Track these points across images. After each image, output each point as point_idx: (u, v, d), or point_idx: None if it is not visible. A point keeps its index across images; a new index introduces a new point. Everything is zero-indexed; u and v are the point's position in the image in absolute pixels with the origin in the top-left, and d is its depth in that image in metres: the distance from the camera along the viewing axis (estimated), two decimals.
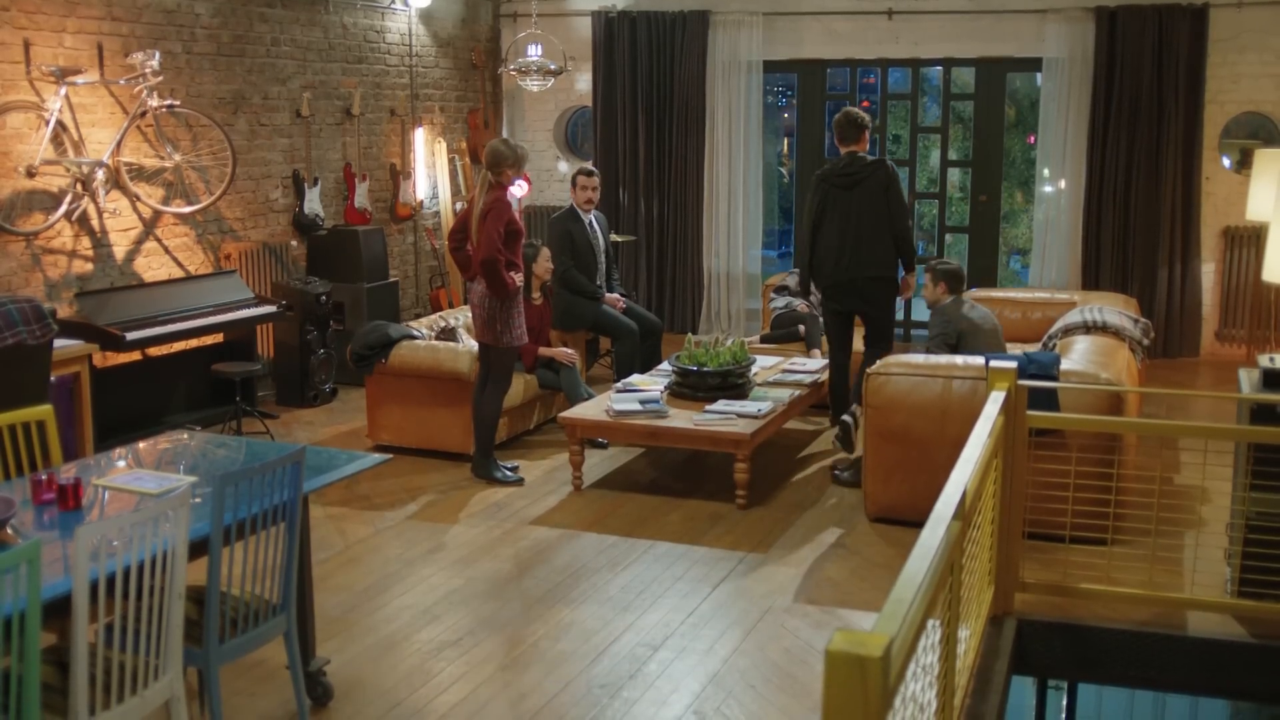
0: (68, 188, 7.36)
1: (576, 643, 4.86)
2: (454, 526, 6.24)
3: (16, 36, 7.03)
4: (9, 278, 7.07)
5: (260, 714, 4.31)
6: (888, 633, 2.16)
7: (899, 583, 2.54)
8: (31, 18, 7.11)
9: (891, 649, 2.09)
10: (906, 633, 2.35)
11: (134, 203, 7.90)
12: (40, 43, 7.17)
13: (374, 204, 10.16)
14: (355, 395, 8.50)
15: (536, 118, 12.01)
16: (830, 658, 2.04)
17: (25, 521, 3.71)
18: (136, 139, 7.86)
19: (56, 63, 7.22)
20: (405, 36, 10.60)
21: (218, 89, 8.55)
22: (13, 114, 7.02)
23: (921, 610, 2.57)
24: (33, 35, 7.12)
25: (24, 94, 7.09)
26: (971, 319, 6.87)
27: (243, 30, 8.74)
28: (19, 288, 7.11)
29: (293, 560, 3.95)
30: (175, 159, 8.04)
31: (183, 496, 3.42)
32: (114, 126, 7.66)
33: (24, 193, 7.12)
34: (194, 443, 4.88)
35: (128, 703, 3.34)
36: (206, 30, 8.42)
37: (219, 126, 8.24)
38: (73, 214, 7.41)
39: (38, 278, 7.26)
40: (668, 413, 6.67)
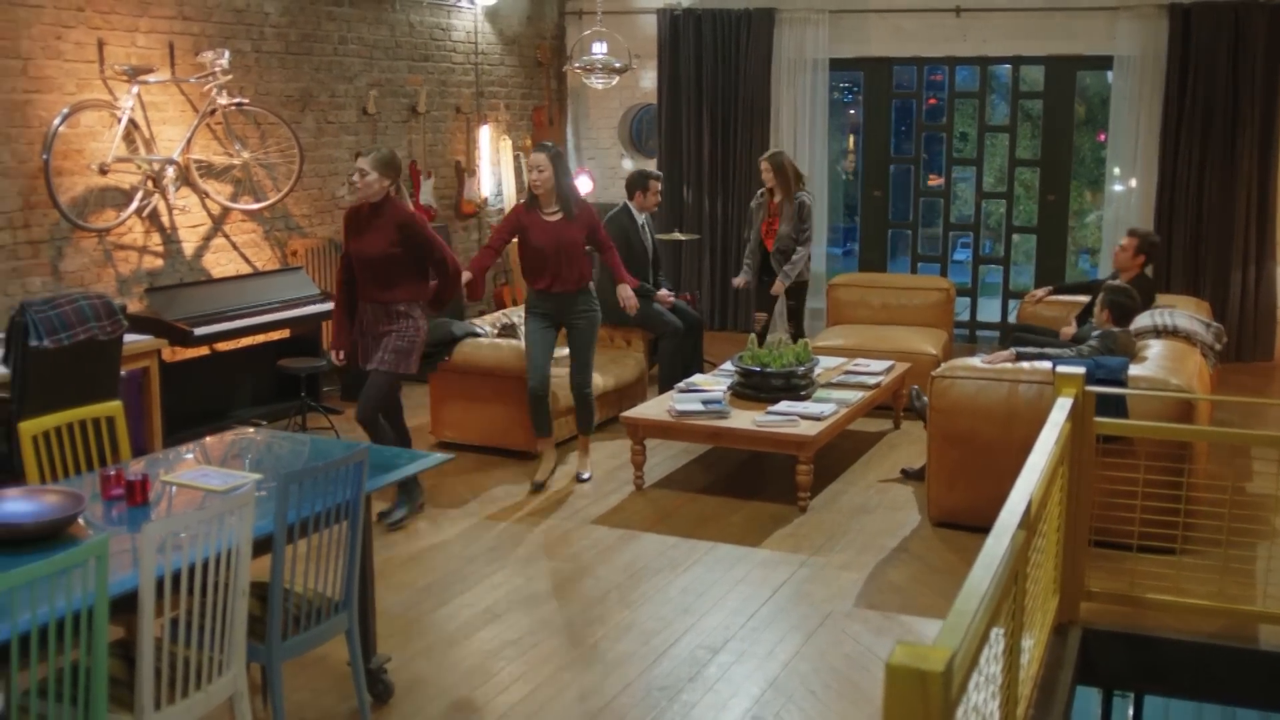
0: (139, 185, 7.47)
1: (636, 644, 4.85)
2: (516, 525, 6.26)
3: (91, 37, 7.14)
4: (81, 273, 7.19)
5: (321, 710, 4.35)
6: (950, 646, 2.14)
7: (962, 594, 2.51)
8: (105, 18, 7.22)
9: (953, 663, 2.07)
10: (969, 645, 2.32)
11: (203, 199, 8.00)
12: (114, 42, 7.28)
13: (439, 201, 10.22)
14: (419, 391, 8.54)
15: (601, 115, 12.02)
16: (891, 672, 2.02)
17: (95, 516, 3.76)
18: (206, 137, 7.96)
19: (129, 62, 7.33)
20: (471, 34, 10.64)
21: (286, 87, 8.63)
22: (87, 112, 7.13)
23: (985, 622, 2.53)
24: (106, 35, 7.23)
25: (98, 93, 7.21)
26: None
27: (311, 29, 8.82)
28: (91, 283, 7.23)
29: (355, 558, 3.98)
30: (244, 156, 8.13)
31: (247, 495, 3.45)
32: (184, 124, 7.76)
33: (97, 190, 7.24)
34: (260, 439, 4.93)
35: (192, 697, 3.38)
36: (275, 29, 8.50)
37: (287, 124, 8.32)
38: (143, 210, 7.52)
39: (109, 273, 7.37)
40: (730, 413, 6.65)
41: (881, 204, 11.31)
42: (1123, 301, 6.43)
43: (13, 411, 5.40)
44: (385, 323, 6.04)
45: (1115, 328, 6.35)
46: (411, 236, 5.93)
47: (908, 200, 11.46)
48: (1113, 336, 6.27)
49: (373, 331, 6.10)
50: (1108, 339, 6.25)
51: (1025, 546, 3.29)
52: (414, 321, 6.05)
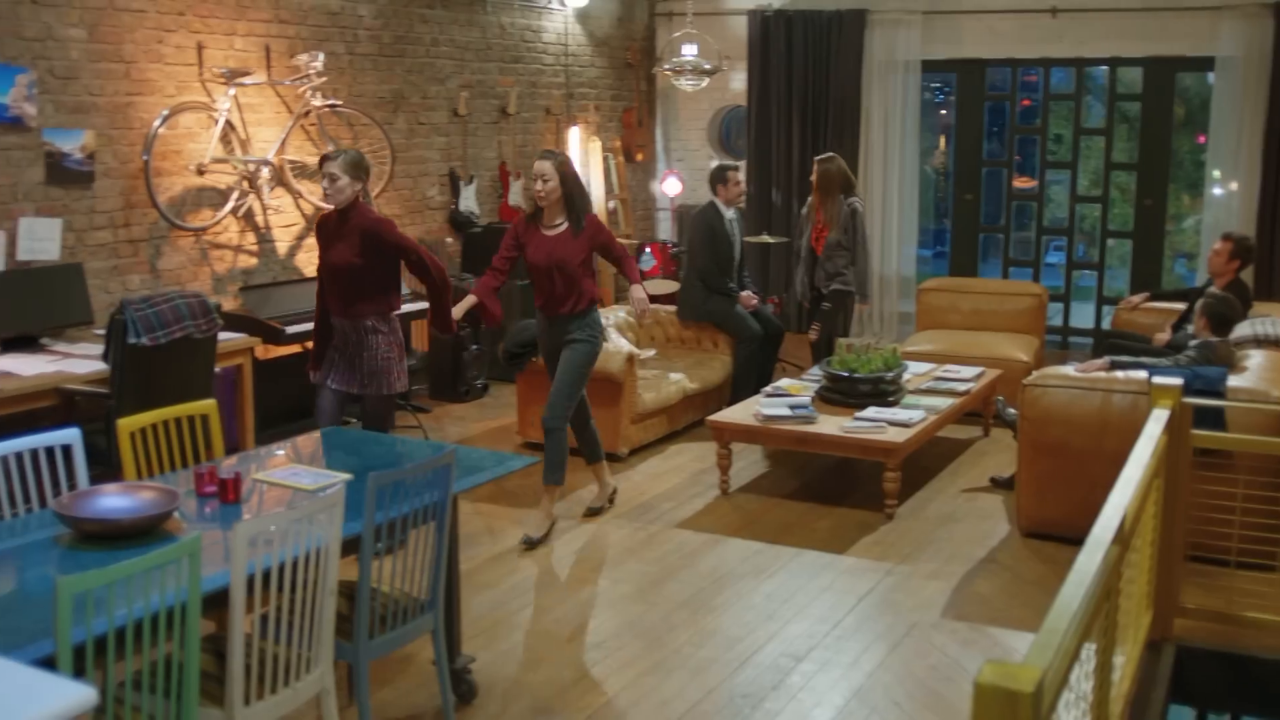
0: (235, 185, 7.60)
1: (720, 650, 4.83)
2: (601, 527, 6.27)
3: (191, 40, 7.29)
4: (178, 271, 7.34)
5: (406, 709, 4.39)
6: (1040, 665, 2.09)
7: (1053, 611, 2.46)
8: (205, 21, 7.37)
9: (1044, 683, 2.02)
10: (1060, 664, 2.27)
11: (296, 199, 8.13)
12: (212, 45, 7.42)
13: (528, 202, 10.26)
14: (506, 391, 8.60)
15: (690, 117, 12.01)
16: (979, 691, 1.99)
17: (188, 512, 3.83)
18: (300, 137, 8.08)
19: (227, 64, 7.46)
20: (561, 36, 10.69)
21: (378, 88, 8.74)
22: (185, 114, 7.27)
23: (1076, 640, 2.48)
24: (206, 39, 7.37)
25: (196, 95, 7.35)
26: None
27: (403, 31, 8.92)
28: (187, 281, 7.37)
29: (441, 559, 4.01)
30: None
31: (336, 496, 3.49)
32: (279, 125, 7.88)
33: (194, 190, 7.39)
34: (350, 437, 4.99)
35: (280, 694, 3.42)
36: (369, 31, 8.61)
37: (379, 125, 8.42)
38: (239, 210, 7.66)
39: (205, 271, 7.51)
40: (817, 418, 6.60)
41: (973, 207, 11.16)
42: (1222, 311, 6.28)
43: (111, 408, 5.52)
44: (354, 340, 5.61)
45: (1214, 337, 6.20)
46: (378, 244, 5.50)
47: (999, 203, 11.30)
48: (1211, 346, 6.12)
49: (343, 349, 5.66)
50: (1206, 349, 6.11)
51: (1118, 562, 3.22)
52: (384, 336, 5.61)
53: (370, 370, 5.59)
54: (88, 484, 4.11)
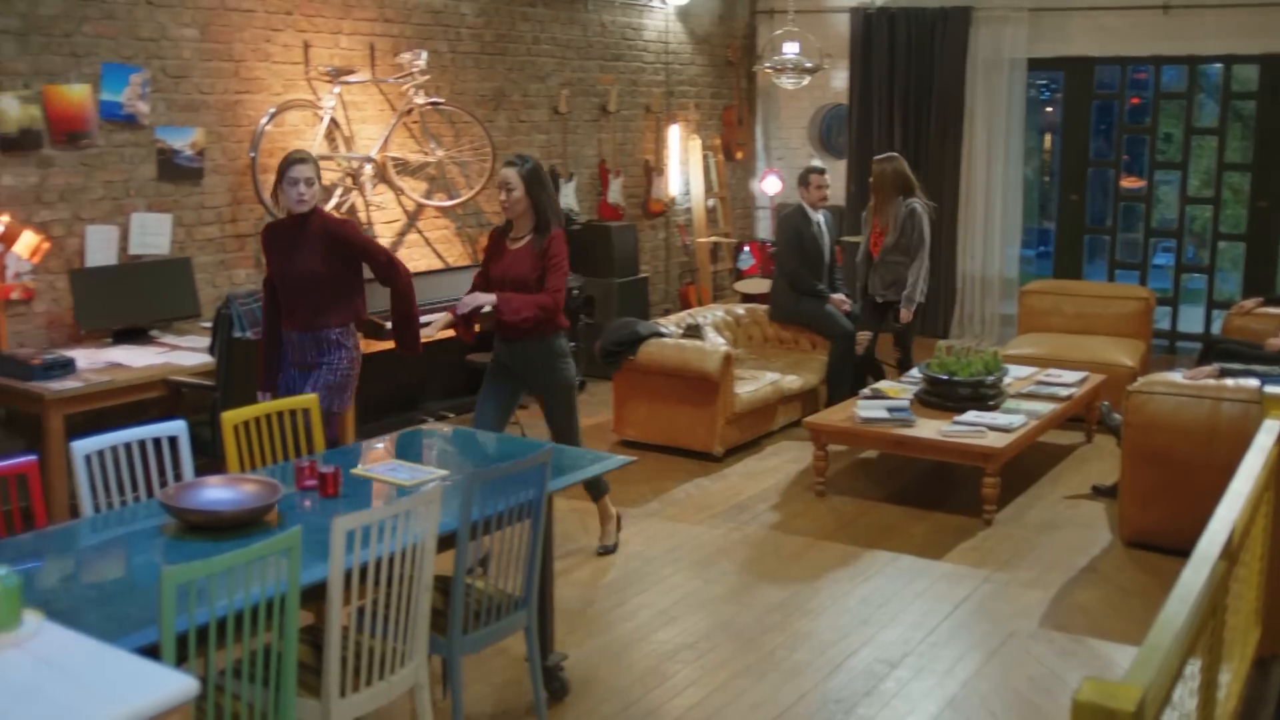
0: (338, 181, 7.72)
1: (813, 654, 4.80)
2: (695, 527, 6.26)
3: (298, 39, 7.41)
4: None
5: (498, 704, 4.42)
6: (1142, 683, 2.04)
7: (1156, 627, 2.40)
8: (311, 20, 7.49)
9: (1145, 702, 1.98)
10: (1162, 682, 2.22)
11: (398, 196, 8.23)
12: (318, 44, 7.54)
13: (627, 200, 10.30)
14: (603, 389, 8.63)
15: (791, 115, 11.94)
16: (1078, 709, 1.95)
17: (289, 505, 3.89)
18: (402, 135, 8.18)
19: (332, 63, 7.58)
20: (662, 33, 10.69)
21: (480, 86, 8.81)
22: (292, 111, 7.40)
23: (1180, 657, 2.42)
24: (312, 37, 7.49)
25: (302, 93, 7.47)
26: None
27: (505, 29, 8.98)
28: None
29: (536, 556, 4.03)
30: (438, 154, 8.33)
31: (434, 491, 3.52)
32: (382, 123, 7.98)
33: None
34: (447, 433, 5.04)
35: (375, 686, 3.47)
36: (471, 30, 8.69)
37: (480, 123, 8.49)
38: (342, 206, 7.77)
39: None
40: (915, 422, 6.53)
41: (1078, 208, 10.95)
42: None
43: (216, 400, 5.63)
44: (314, 354, 5.26)
45: None
46: (344, 248, 5.21)
47: (1106, 204, 11.08)
48: None
49: (299, 364, 5.31)
50: None
51: (1226, 577, 3.13)
52: (347, 352, 5.29)
53: (328, 385, 5.21)
54: (193, 475, 4.20)
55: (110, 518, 3.87)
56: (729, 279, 11.27)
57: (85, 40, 6.41)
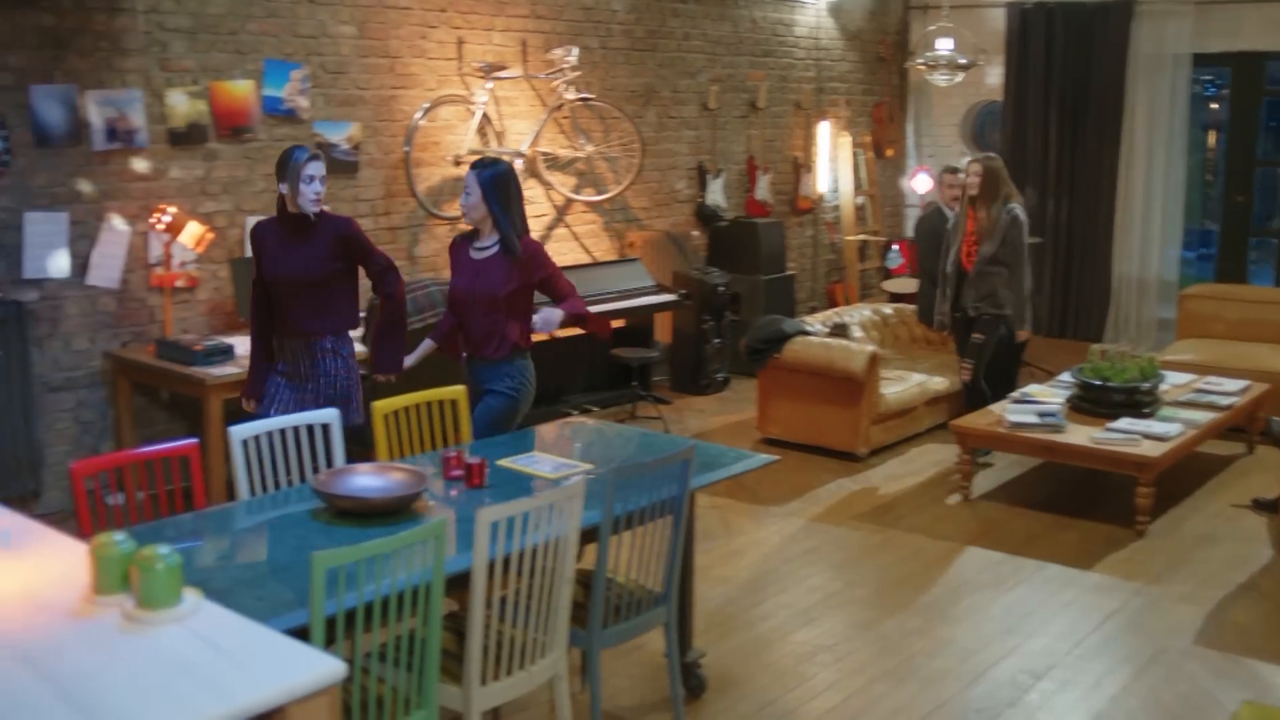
0: None
1: (954, 661, 4.72)
2: (837, 528, 6.20)
3: (452, 36, 7.55)
4: (434, 258, 7.61)
5: (636, 699, 4.44)
6: None
7: None
8: (465, 17, 7.62)
9: None
10: None
11: (547, 191, 8.31)
12: (471, 40, 7.66)
13: (775, 196, 10.24)
14: (747, 386, 8.61)
15: (943, 112, 11.74)
16: None
17: (435, 493, 3.96)
18: (553, 130, 8.26)
19: (485, 59, 7.69)
20: (813, 29, 10.60)
21: (629, 82, 8.85)
22: (445, 107, 7.54)
23: None
24: (466, 34, 7.62)
25: (455, 89, 7.61)
26: None
27: (656, 25, 9.01)
28: (441, 269, 7.62)
29: (677, 553, 4.03)
30: (587, 150, 8.40)
31: (577, 486, 3.55)
32: (533, 119, 8.08)
33: (450, 180, 7.65)
34: (591, 427, 5.07)
35: (515, 676, 3.50)
36: (622, 26, 8.73)
37: (629, 119, 8.53)
38: None
39: None
40: (1066, 427, 6.37)
41: (1244, 210, 10.54)
42: None
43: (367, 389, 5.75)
44: (306, 363, 4.94)
45: None
46: (350, 249, 4.91)
47: (1274, 205, 10.65)
48: None
49: (290, 374, 4.99)
50: None
51: None
52: (343, 361, 4.98)
53: (326, 399, 4.89)
54: (344, 462, 4.31)
55: (264, 501, 3.99)
56: (876, 278, 11.13)
57: (249, 38, 6.61)
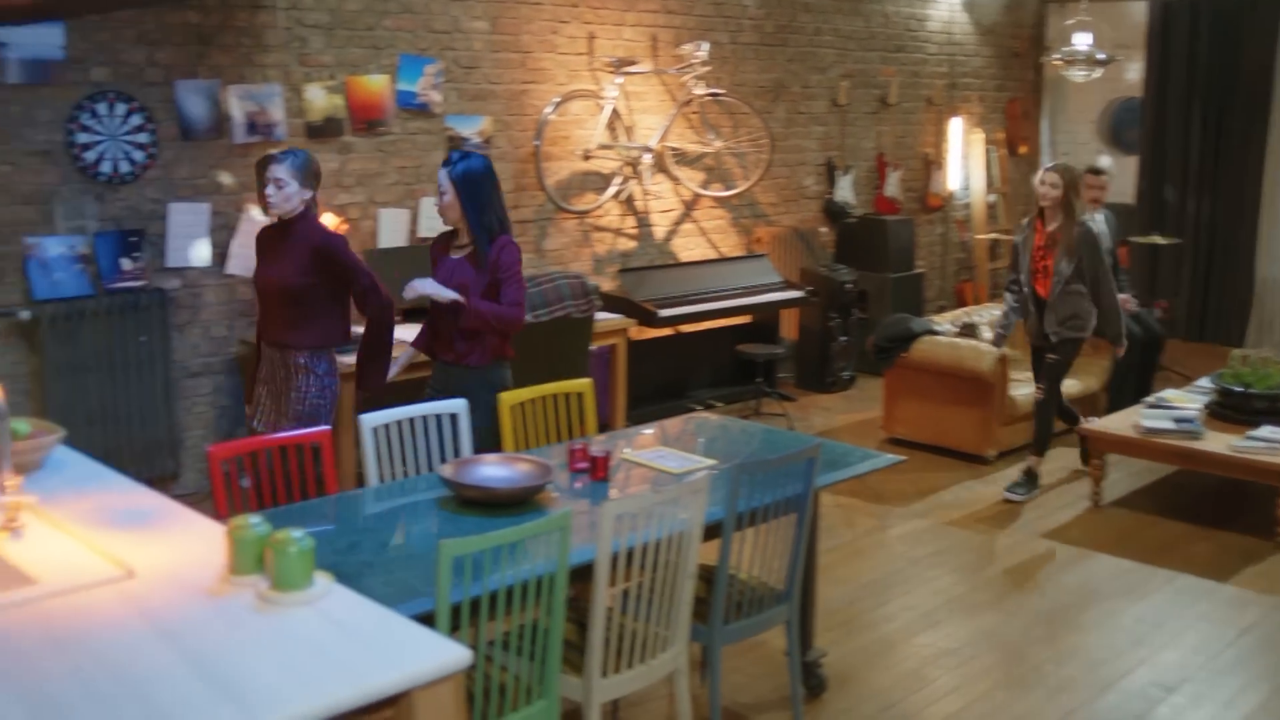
0: (617, 170, 7.87)
1: (1082, 671, 4.61)
2: (962, 530, 6.11)
3: (583, 31, 7.60)
4: (561, 252, 7.67)
5: (755, 696, 4.43)
6: None
7: None
8: (596, 12, 7.66)
9: None
10: None
11: (675, 186, 8.32)
12: (602, 35, 7.70)
13: (904, 194, 10.12)
14: (873, 385, 8.52)
15: (1079, 109, 11.47)
16: None
17: (560, 485, 3.99)
18: (681, 125, 8.26)
19: (615, 54, 7.72)
20: (946, 24, 10.44)
21: (759, 78, 8.82)
22: (575, 102, 7.59)
23: None
24: (596, 29, 7.66)
25: (585, 83, 7.65)
26: None
27: (786, 20, 8.95)
28: (569, 262, 7.69)
29: (800, 551, 4.01)
30: (716, 145, 8.38)
31: (702, 482, 3.55)
32: (662, 114, 8.09)
33: (579, 174, 7.70)
34: (715, 422, 5.06)
35: (636, 669, 3.52)
36: (753, 21, 8.70)
37: (758, 114, 8.49)
38: (620, 195, 7.93)
39: (586, 253, 7.82)
40: (1204, 434, 6.19)
41: None
42: None
43: None
44: (281, 375, 4.80)
45: None
46: (327, 263, 4.68)
47: None
48: None
49: (269, 383, 4.87)
50: None
51: None
52: (316, 379, 4.76)
53: (295, 415, 4.73)
54: (471, 452, 4.37)
55: (392, 488, 4.06)
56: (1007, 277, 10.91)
57: (385, 33, 6.73)
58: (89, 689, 2.07)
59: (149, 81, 5.97)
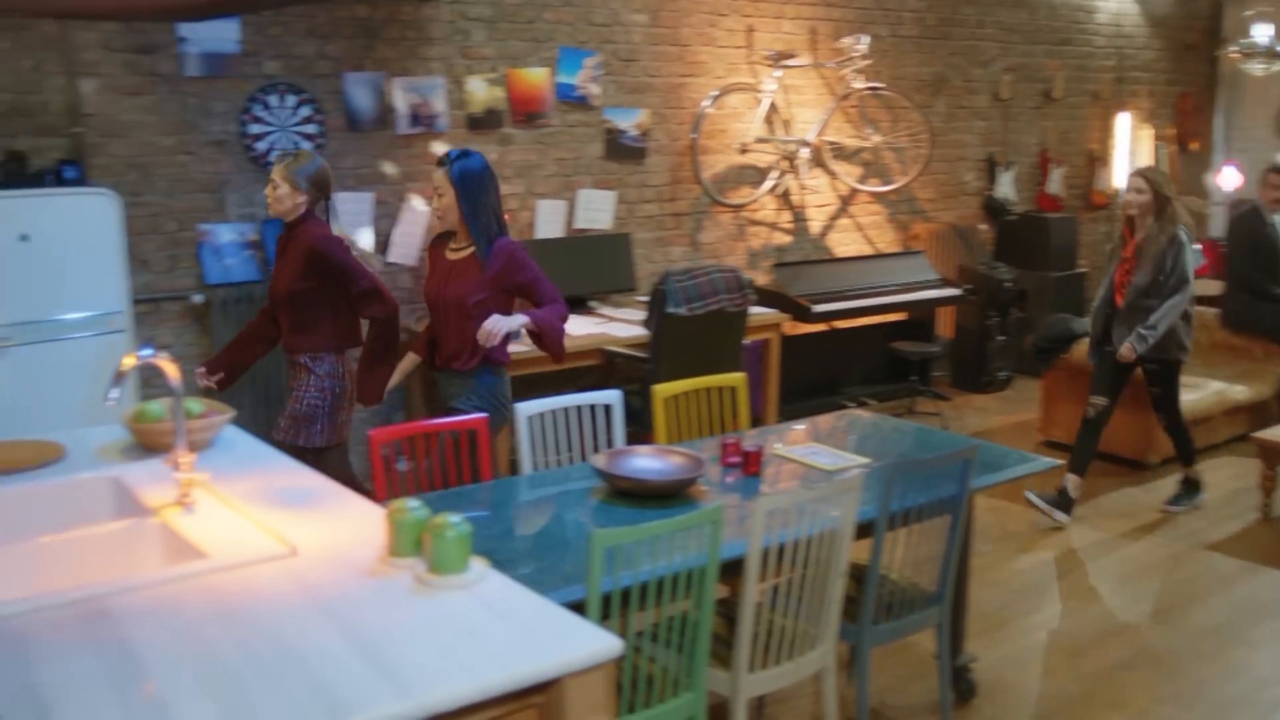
0: (774, 164, 7.83)
1: (1249, 689, 4.44)
2: (1121, 539, 5.94)
3: (741, 24, 7.57)
4: (716, 245, 7.67)
5: (903, 698, 4.36)
6: None
7: None
8: (755, 5, 7.63)
9: None
10: None
11: (832, 180, 8.24)
12: (761, 29, 7.67)
13: (1067, 190, 9.86)
14: (1030, 386, 8.33)
15: (1256, 104, 11.03)
16: None
17: (712, 479, 3.99)
18: (839, 119, 8.18)
19: (774, 47, 7.68)
20: (1115, 16, 10.14)
21: (919, 71, 8.68)
22: (733, 95, 7.57)
23: None
24: (755, 22, 7.64)
25: (743, 77, 7.63)
26: None
27: (948, 13, 8.80)
28: (724, 255, 7.68)
29: (953, 553, 3.94)
30: (874, 140, 8.28)
31: (855, 480, 3.51)
32: (819, 107, 8.02)
33: (735, 168, 7.68)
34: (868, 419, 5.00)
35: (783, 665, 3.50)
36: (913, 14, 8.56)
37: (918, 109, 8.36)
38: (776, 189, 7.88)
39: (741, 247, 7.80)
40: None
41: None
42: None
43: (648, 372, 5.86)
44: (288, 376, 4.88)
45: None
46: (322, 266, 4.61)
47: None
48: None
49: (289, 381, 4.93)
50: None
51: None
52: (316, 380, 4.73)
53: (292, 414, 4.75)
54: (623, 443, 4.39)
55: (545, 476, 4.10)
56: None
57: (545, 26, 6.81)
58: (255, 660, 2.14)
59: (318, 74, 6.14)
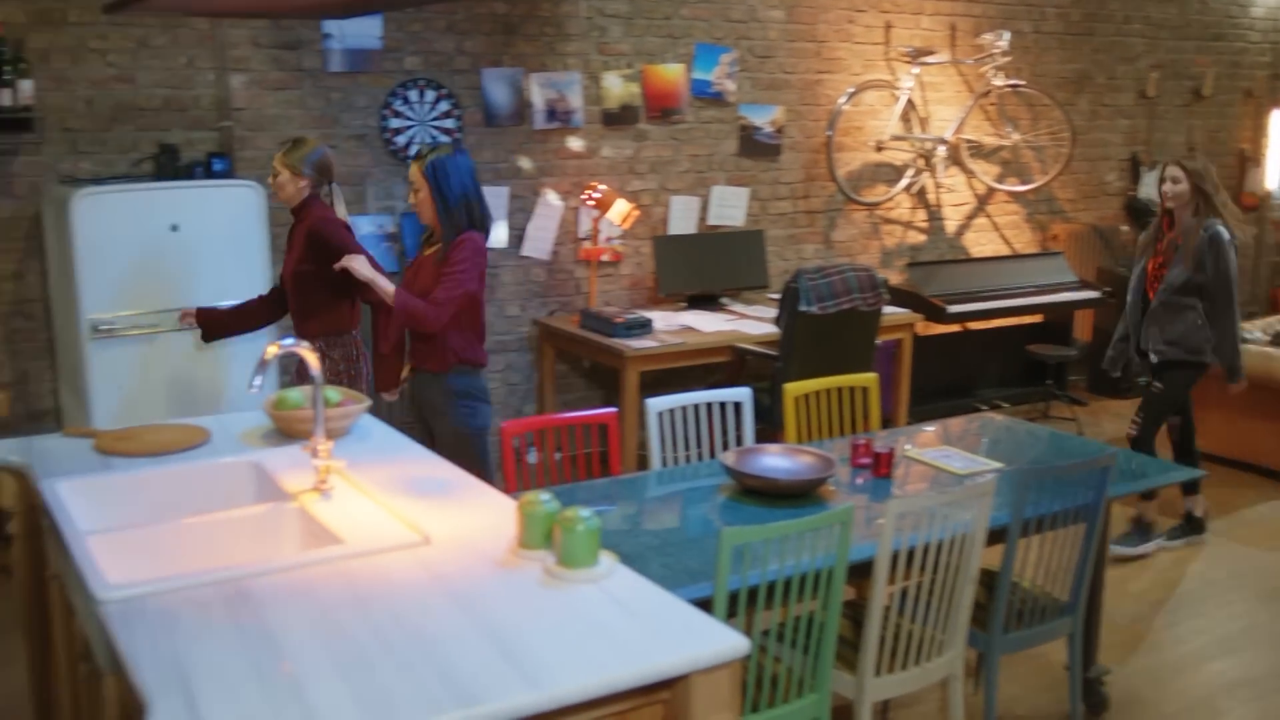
0: (910, 162, 7.74)
1: None
2: (1268, 553, 5.74)
3: (879, 20, 7.49)
4: (850, 244, 7.60)
5: (1032, 709, 4.28)
6: None
7: None
8: (894, 1, 7.54)
9: None
10: None
11: (969, 179, 8.11)
12: (899, 25, 7.58)
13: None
14: None
15: None
16: None
17: (841, 480, 3.96)
18: (978, 117, 8.05)
19: (912, 43, 7.59)
20: (1273, 10, 9.79)
21: (1061, 68, 8.49)
22: (869, 92, 7.50)
23: None
24: (893, 18, 7.55)
25: (880, 73, 7.55)
26: None
27: (1094, 8, 8.59)
28: (858, 254, 7.62)
29: (1087, 563, 3.85)
30: (1013, 138, 8.13)
31: (987, 485, 3.45)
32: (958, 105, 7.90)
33: (870, 165, 7.61)
34: (1001, 423, 4.92)
35: (910, 670, 3.46)
36: (1057, 9, 8.38)
37: (1060, 107, 8.18)
38: (912, 187, 7.79)
39: (875, 245, 7.73)
40: None
41: None
42: None
43: (778, 370, 5.83)
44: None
45: None
46: (322, 247, 4.52)
47: None
48: None
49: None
50: None
51: None
52: (331, 364, 4.66)
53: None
54: (753, 441, 4.38)
55: (674, 473, 4.11)
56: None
57: (682, 23, 6.82)
58: (388, 646, 2.19)
59: (457, 69, 6.24)
